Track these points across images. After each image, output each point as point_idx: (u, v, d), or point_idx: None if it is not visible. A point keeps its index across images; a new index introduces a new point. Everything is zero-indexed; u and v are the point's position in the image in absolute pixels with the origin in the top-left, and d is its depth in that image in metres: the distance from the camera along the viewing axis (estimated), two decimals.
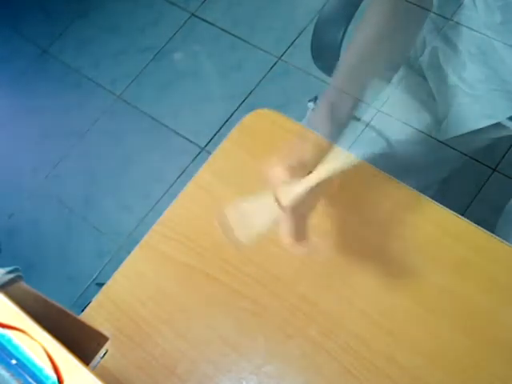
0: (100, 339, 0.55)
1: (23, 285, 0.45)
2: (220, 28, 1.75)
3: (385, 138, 0.87)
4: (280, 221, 0.53)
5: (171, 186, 1.55)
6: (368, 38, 0.65)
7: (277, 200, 0.52)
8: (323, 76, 0.88)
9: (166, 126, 1.65)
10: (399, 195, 0.63)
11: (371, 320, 0.58)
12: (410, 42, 0.70)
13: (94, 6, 1.89)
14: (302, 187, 0.52)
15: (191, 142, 1.62)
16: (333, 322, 0.59)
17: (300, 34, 1.68)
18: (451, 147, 0.85)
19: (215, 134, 1.60)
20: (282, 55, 1.67)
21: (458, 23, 0.77)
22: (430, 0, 0.69)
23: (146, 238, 0.67)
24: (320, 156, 0.54)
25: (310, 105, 0.89)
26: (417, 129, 0.85)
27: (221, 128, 1.60)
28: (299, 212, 0.54)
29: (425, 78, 0.87)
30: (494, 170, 1.32)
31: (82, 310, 0.65)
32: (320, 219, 0.63)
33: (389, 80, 0.69)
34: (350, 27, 0.82)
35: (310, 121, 0.60)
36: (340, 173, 0.52)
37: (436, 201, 0.62)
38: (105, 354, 0.57)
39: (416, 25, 0.70)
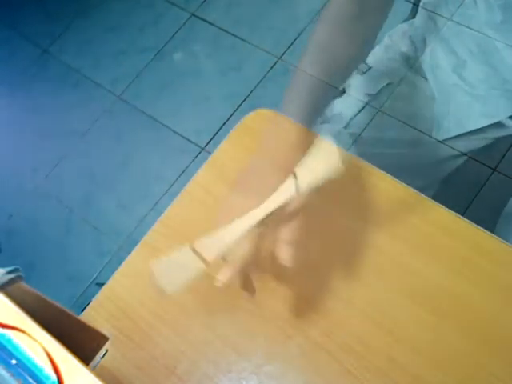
0: (100, 339, 0.54)
1: (23, 285, 0.45)
2: (220, 28, 1.75)
3: (385, 138, 0.87)
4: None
5: (171, 185, 1.55)
6: (335, 21, 0.64)
7: (198, 254, 0.50)
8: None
9: (166, 126, 1.65)
10: (399, 195, 0.63)
11: (371, 320, 0.58)
12: (378, 25, 0.69)
13: (94, 6, 1.89)
14: (228, 237, 0.49)
15: (191, 142, 1.62)
16: (333, 322, 0.59)
17: (300, 34, 1.68)
18: (451, 147, 0.85)
19: (215, 134, 1.60)
20: (282, 55, 1.67)
21: (458, 23, 0.77)
22: None
23: (145, 238, 0.67)
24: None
25: None
26: (417, 129, 0.85)
27: (221, 128, 1.60)
28: (240, 266, 0.51)
29: (425, 78, 0.87)
30: (494, 170, 1.32)
31: (82, 310, 0.65)
32: (319, 219, 0.63)
33: (358, 63, 0.68)
34: None
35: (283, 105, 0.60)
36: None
37: (436, 201, 0.62)
38: (105, 354, 0.57)
39: (383, 9, 0.69)
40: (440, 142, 0.85)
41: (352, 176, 0.65)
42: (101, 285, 0.66)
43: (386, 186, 0.64)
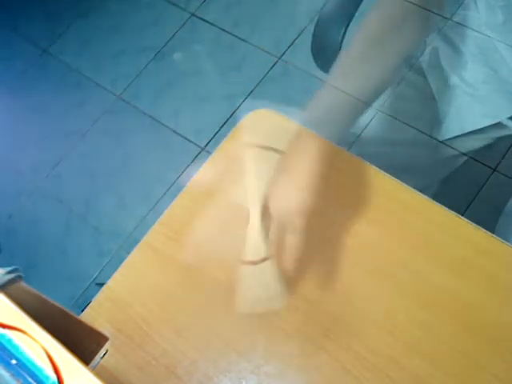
0: (100, 339, 0.54)
1: (23, 285, 0.45)
2: (220, 28, 1.75)
3: (385, 138, 0.87)
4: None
5: (171, 185, 1.55)
6: (367, 40, 0.65)
7: None
8: (323, 76, 0.87)
9: (166, 126, 1.65)
10: (399, 195, 0.63)
11: (371, 320, 0.58)
12: (412, 45, 0.70)
13: (95, 6, 1.89)
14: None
15: (191, 142, 1.62)
16: (333, 322, 0.59)
17: (300, 34, 1.68)
18: (451, 147, 0.85)
19: (215, 134, 1.60)
20: (282, 55, 1.67)
21: (458, 23, 0.77)
22: (437, 2, 0.69)
23: (145, 238, 0.67)
24: None
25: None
26: (417, 129, 0.85)
27: (221, 128, 1.60)
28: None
29: (425, 78, 0.87)
30: (494, 170, 1.32)
31: (82, 310, 0.65)
32: (320, 220, 0.63)
33: (388, 84, 0.69)
34: (350, 27, 0.82)
35: (306, 121, 0.60)
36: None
37: (436, 201, 0.62)
38: (105, 354, 0.57)
39: (419, 28, 0.70)
40: (440, 141, 0.85)
41: (352, 176, 0.65)
42: (101, 285, 0.66)
43: (385, 186, 0.64)
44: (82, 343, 0.51)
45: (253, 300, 0.58)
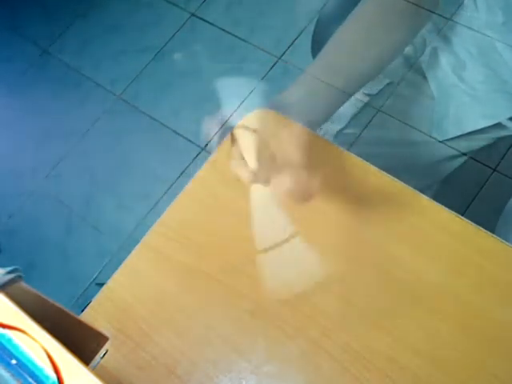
0: (100, 339, 0.54)
1: (23, 285, 0.45)
2: (220, 28, 1.75)
3: (385, 138, 0.87)
4: None
5: (171, 185, 1.56)
6: (357, 31, 0.65)
7: None
8: None
9: (166, 126, 1.66)
10: (399, 195, 0.63)
11: (371, 320, 0.58)
12: (402, 41, 0.70)
13: (94, 6, 1.89)
14: None
15: (191, 142, 1.62)
16: (333, 322, 0.59)
17: (300, 34, 1.68)
18: (451, 147, 0.85)
19: (215, 135, 1.60)
20: (282, 55, 1.67)
21: (458, 23, 0.77)
22: (431, 0, 0.69)
23: (145, 237, 0.67)
24: None
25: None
26: (417, 129, 0.85)
27: (221, 128, 1.60)
28: None
29: (425, 78, 0.87)
30: (494, 170, 1.32)
31: (82, 310, 0.65)
32: (318, 220, 0.63)
33: (373, 76, 0.70)
34: None
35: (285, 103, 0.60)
36: None
37: (436, 201, 0.62)
38: (105, 354, 0.57)
39: (413, 25, 0.70)
40: (440, 142, 0.85)
41: (352, 176, 0.65)
42: (101, 285, 0.66)
43: (385, 186, 0.64)
44: (82, 343, 0.51)
45: (286, 283, 0.56)
